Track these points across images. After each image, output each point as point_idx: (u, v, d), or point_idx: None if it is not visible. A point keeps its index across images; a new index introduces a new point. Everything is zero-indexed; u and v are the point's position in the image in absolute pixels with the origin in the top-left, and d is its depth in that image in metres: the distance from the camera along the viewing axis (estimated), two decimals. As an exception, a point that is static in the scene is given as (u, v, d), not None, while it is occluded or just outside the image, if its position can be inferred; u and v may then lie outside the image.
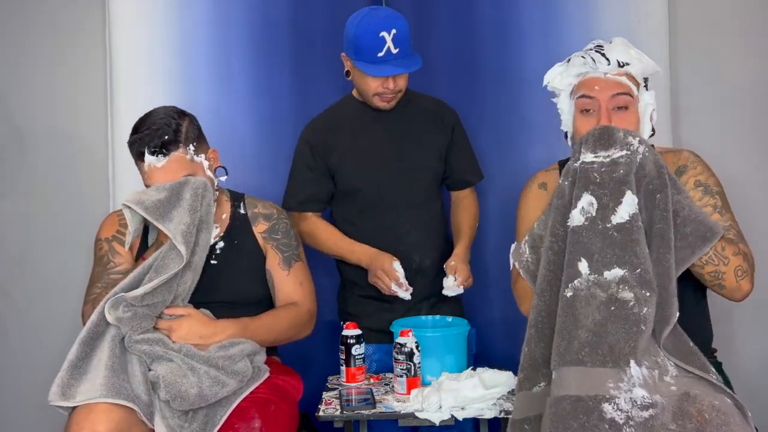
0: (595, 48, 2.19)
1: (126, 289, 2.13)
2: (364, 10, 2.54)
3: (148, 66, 2.97)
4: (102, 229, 2.40)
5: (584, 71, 2.17)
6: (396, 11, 2.57)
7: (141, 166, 2.26)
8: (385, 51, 2.46)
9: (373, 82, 2.53)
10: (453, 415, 2.17)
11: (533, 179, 2.35)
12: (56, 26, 3.07)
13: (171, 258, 2.16)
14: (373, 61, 2.48)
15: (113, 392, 1.97)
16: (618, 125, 2.08)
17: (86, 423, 1.94)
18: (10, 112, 3.09)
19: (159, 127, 2.22)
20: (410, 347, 2.28)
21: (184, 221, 2.17)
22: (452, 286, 2.54)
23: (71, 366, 2.04)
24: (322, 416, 2.21)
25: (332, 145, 2.64)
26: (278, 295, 2.42)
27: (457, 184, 2.76)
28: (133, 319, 2.10)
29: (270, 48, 3.02)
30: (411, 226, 2.63)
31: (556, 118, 2.26)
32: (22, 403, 3.06)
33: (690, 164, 2.19)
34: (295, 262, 2.43)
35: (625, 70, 2.14)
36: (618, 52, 2.15)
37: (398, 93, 2.57)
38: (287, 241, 2.44)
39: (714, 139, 3.03)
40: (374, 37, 2.46)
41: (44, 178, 3.10)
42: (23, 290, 3.10)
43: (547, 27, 3.02)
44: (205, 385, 2.08)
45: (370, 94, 2.57)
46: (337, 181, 2.65)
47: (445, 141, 2.69)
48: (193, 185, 2.22)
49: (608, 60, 2.14)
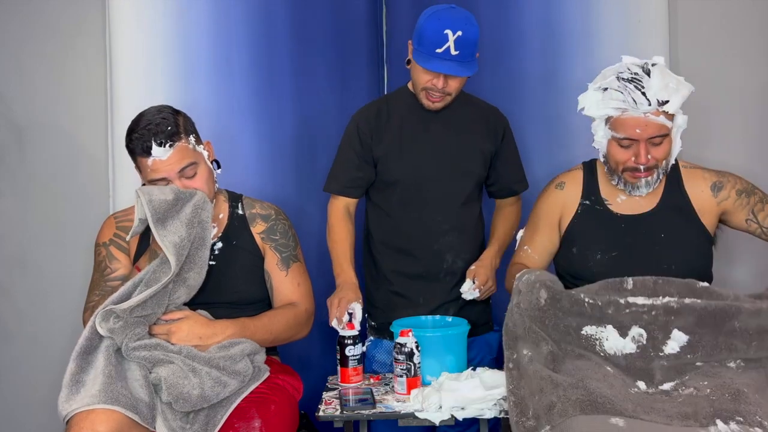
0: (633, 81, 2.19)
1: (116, 301, 2.13)
2: (442, 6, 2.51)
3: (148, 66, 2.97)
4: (100, 234, 2.40)
5: (623, 107, 2.20)
6: (471, 15, 2.51)
7: (144, 162, 2.25)
8: (444, 49, 2.43)
9: (424, 75, 2.51)
10: (453, 415, 2.17)
11: (554, 179, 2.44)
12: (56, 26, 3.07)
13: (162, 271, 2.16)
14: (431, 55, 2.45)
15: (111, 399, 1.97)
16: (654, 155, 2.21)
17: (86, 423, 1.94)
18: (10, 112, 3.08)
19: (159, 121, 2.24)
20: (410, 347, 2.28)
21: (179, 233, 2.17)
22: (468, 290, 2.53)
23: (70, 382, 2.03)
24: (322, 416, 2.21)
25: (380, 133, 2.63)
26: (276, 296, 2.42)
27: (502, 193, 2.75)
28: (126, 327, 2.10)
29: (270, 48, 3.02)
30: (448, 226, 2.62)
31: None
32: (22, 403, 3.06)
33: (723, 178, 2.33)
34: (293, 262, 2.44)
35: (665, 108, 2.18)
36: (657, 87, 2.17)
37: (447, 96, 2.54)
38: (285, 241, 2.45)
39: (714, 139, 3.03)
40: (438, 32, 2.43)
41: (44, 178, 3.09)
42: (23, 290, 3.10)
43: (547, 27, 3.02)
44: (207, 386, 2.08)
45: (419, 87, 2.55)
46: (379, 171, 2.64)
47: (492, 147, 2.67)
48: (195, 200, 2.23)
49: (649, 101, 2.16)
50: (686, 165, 2.37)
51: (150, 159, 2.24)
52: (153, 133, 2.22)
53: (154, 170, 2.24)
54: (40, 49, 3.07)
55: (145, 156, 2.24)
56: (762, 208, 2.30)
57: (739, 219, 2.31)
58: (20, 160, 3.09)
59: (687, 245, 2.27)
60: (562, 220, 2.37)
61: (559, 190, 2.38)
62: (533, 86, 3.01)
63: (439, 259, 2.60)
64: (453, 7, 2.49)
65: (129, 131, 2.27)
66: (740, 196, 2.30)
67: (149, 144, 2.22)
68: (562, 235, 2.37)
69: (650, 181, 2.26)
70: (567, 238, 2.35)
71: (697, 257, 2.28)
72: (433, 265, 2.61)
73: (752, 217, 2.30)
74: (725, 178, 2.33)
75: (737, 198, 2.30)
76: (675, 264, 2.24)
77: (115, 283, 2.30)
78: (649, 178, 2.26)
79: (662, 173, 2.28)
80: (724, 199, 2.31)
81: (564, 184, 2.38)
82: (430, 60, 2.46)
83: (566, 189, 2.37)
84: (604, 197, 2.34)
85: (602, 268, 2.25)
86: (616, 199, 2.33)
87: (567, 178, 2.40)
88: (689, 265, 2.25)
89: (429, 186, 2.61)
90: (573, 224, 2.35)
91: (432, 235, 2.61)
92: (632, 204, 2.32)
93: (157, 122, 2.24)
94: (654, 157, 2.22)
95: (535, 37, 3.02)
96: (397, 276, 2.63)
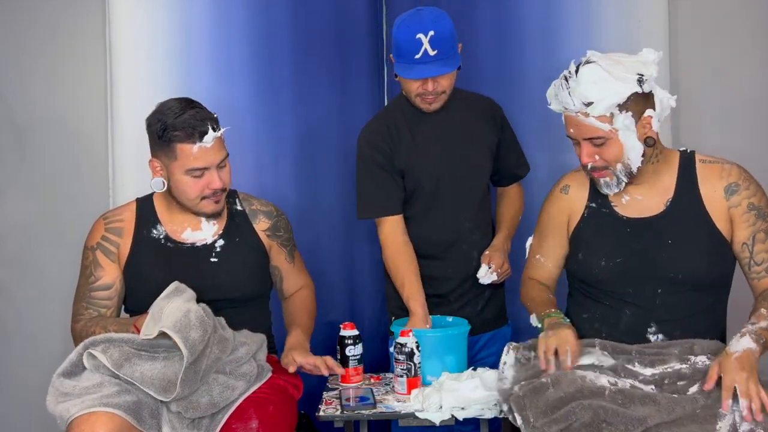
0: (566, 80, 2.10)
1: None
2: (408, 12, 2.51)
3: (148, 66, 2.96)
4: (89, 236, 2.38)
5: (561, 106, 2.13)
6: (440, 11, 2.51)
7: (186, 150, 2.21)
8: (422, 53, 2.42)
9: (412, 84, 2.50)
10: (453, 415, 2.16)
11: (559, 181, 2.35)
12: (56, 26, 3.07)
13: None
14: (411, 62, 2.45)
15: (111, 403, 1.97)
16: (603, 156, 2.09)
17: (86, 425, 1.94)
18: (10, 112, 3.08)
19: (201, 108, 2.26)
20: (411, 347, 2.28)
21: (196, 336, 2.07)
22: (486, 274, 2.55)
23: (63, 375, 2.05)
24: (323, 416, 2.21)
25: (397, 145, 2.60)
26: (286, 285, 2.52)
27: (506, 180, 2.76)
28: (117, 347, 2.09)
29: (270, 48, 3.02)
30: (472, 224, 2.63)
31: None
32: (21, 404, 3.05)
33: (742, 183, 2.13)
34: (295, 251, 2.53)
35: (588, 110, 2.06)
36: (582, 88, 2.05)
37: (441, 94, 2.53)
38: (288, 236, 2.50)
39: (714, 139, 3.02)
40: (411, 39, 2.43)
41: (44, 178, 3.09)
42: (23, 290, 3.10)
43: (546, 27, 3.02)
44: (216, 392, 2.09)
45: (412, 95, 2.54)
46: (405, 181, 2.62)
47: (495, 138, 2.68)
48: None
49: (573, 101, 2.07)
50: (705, 159, 2.18)
51: (196, 146, 2.21)
52: (202, 118, 2.21)
53: (197, 158, 2.22)
54: (40, 49, 3.07)
55: (191, 142, 2.21)
56: (764, 239, 2.10)
57: (738, 236, 2.12)
58: (20, 160, 3.09)
59: (696, 251, 2.12)
60: (570, 224, 2.28)
61: (564, 194, 2.29)
62: (534, 86, 3.00)
63: (468, 257, 2.63)
64: (419, 10, 2.50)
65: (162, 120, 2.22)
66: (750, 211, 2.11)
67: (205, 129, 2.20)
68: (570, 239, 2.28)
69: (609, 182, 2.14)
70: (574, 242, 2.27)
71: (709, 264, 2.13)
72: (462, 265, 2.63)
73: (750, 242, 2.11)
74: (744, 183, 2.12)
75: (747, 211, 2.11)
76: (682, 272, 2.11)
77: (99, 293, 2.31)
78: (607, 179, 2.13)
79: (623, 175, 2.12)
80: (735, 206, 2.11)
81: (569, 188, 2.29)
82: (411, 69, 2.46)
83: (571, 192, 2.28)
84: (610, 199, 2.22)
85: (606, 275, 2.17)
86: (621, 200, 2.20)
87: (571, 181, 2.30)
88: (697, 273, 2.12)
89: (449, 189, 2.61)
90: (579, 228, 2.26)
91: (459, 235, 2.63)
92: (639, 206, 2.18)
93: (201, 108, 2.23)
94: (603, 158, 2.10)
95: (535, 36, 3.02)
96: (427, 280, 2.60)
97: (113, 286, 2.32)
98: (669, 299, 2.14)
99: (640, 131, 2.09)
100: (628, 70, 2.06)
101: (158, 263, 2.32)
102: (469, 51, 3.03)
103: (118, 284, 2.33)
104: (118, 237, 2.35)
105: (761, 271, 2.12)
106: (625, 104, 2.05)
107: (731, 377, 1.90)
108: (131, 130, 2.91)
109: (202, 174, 2.25)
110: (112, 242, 2.34)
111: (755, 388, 1.88)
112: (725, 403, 1.89)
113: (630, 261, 2.16)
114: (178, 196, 2.30)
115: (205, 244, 2.36)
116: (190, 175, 2.24)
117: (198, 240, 2.36)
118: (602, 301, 2.21)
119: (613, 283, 2.17)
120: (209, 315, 2.14)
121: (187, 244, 2.36)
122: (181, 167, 2.24)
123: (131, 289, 2.34)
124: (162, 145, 2.24)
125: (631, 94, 2.05)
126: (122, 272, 2.34)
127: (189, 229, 2.36)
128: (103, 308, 2.31)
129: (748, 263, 2.13)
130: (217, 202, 2.31)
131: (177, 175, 2.26)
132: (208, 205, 2.30)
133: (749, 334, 1.98)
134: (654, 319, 2.15)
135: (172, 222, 2.37)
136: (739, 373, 1.90)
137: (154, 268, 2.31)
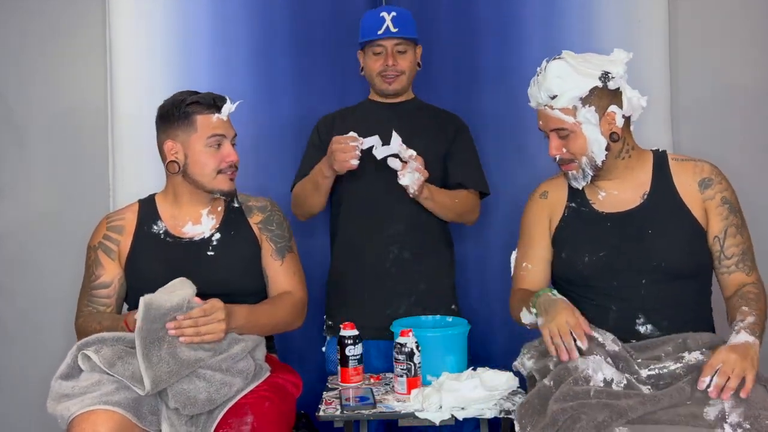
0: (537, 75, 2.22)
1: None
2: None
3: (148, 66, 2.97)
4: (92, 237, 2.42)
5: (534, 102, 2.24)
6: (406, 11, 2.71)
7: (206, 120, 2.31)
8: (384, 29, 2.63)
9: (374, 61, 2.67)
10: (453, 415, 2.17)
11: (537, 189, 2.39)
12: (56, 25, 3.07)
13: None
14: (374, 37, 2.64)
15: (111, 401, 1.98)
16: (568, 149, 2.18)
17: (87, 424, 1.95)
18: (10, 112, 3.08)
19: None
20: (410, 347, 2.28)
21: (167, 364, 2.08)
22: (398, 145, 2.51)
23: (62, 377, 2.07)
24: (323, 416, 2.21)
25: (338, 128, 2.70)
26: (272, 285, 2.43)
27: (452, 187, 2.73)
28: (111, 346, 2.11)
29: (270, 47, 3.02)
30: (400, 222, 2.66)
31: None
32: (22, 404, 3.06)
33: (715, 178, 2.21)
34: (287, 252, 2.46)
35: (552, 103, 2.17)
36: (549, 80, 2.16)
37: (401, 75, 2.68)
38: (281, 232, 2.47)
39: (714, 139, 3.03)
40: (375, 17, 2.65)
41: (44, 178, 3.10)
42: (23, 290, 3.10)
43: (546, 28, 3.02)
44: (213, 388, 2.09)
45: (374, 73, 2.69)
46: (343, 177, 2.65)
47: (443, 149, 2.71)
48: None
49: (541, 94, 2.18)
50: (677, 158, 2.27)
51: (215, 116, 2.32)
52: (216, 95, 2.34)
53: (216, 126, 2.33)
54: (40, 49, 3.07)
55: (210, 112, 2.32)
56: (734, 234, 2.17)
57: (712, 229, 2.19)
58: (20, 160, 3.09)
59: (676, 240, 2.17)
60: (551, 226, 2.32)
61: (543, 199, 2.34)
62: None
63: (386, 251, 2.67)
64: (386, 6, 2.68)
65: (179, 98, 2.33)
66: (723, 205, 2.18)
67: (222, 100, 2.34)
68: (552, 239, 2.31)
69: (576, 175, 2.22)
70: (556, 243, 2.30)
71: (690, 252, 2.17)
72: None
73: (722, 236, 2.18)
74: (717, 178, 2.21)
75: (720, 204, 2.18)
76: (665, 261, 2.15)
77: (99, 291, 2.34)
78: (574, 172, 2.21)
79: (589, 168, 2.20)
80: (709, 198, 2.19)
81: (548, 194, 2.34)
82: (373, 41, 2.64)
83: (550, 197, 2.33)
84: (588, 197, 2.28)
85: (590, 270, 2.20)
86: (598, 197, 2.26)
87: (550, 187, 2.36)
88: (680, 261, 2.16)
89: (379, 181, 2.64)
90: (560, 228, 2.30)
91: (382, 227, 2.68)
92: (616, 201, 2.24)
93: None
94: (569, 151, 2.19)
95: (535, 36, 3.02)
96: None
97: (112, 284, 2.35)
98: (654, 289, 2.17)
99: (605, 126, 2.17)
100: (594, 67, 2.16)
101: (157, 257, 2.35)
102: (469, 50, 3.05)
103: (117, 282, 2.36)
104: (119, 235, 2.38)
105: (731, 265, 2.18)
106: (588, 98, 2.15)
107: (721, 357, 1.94)
108: (131, 130, 2.91)
109: (220, 144, 2.33)
110: (113, 240, 2.37)
111: (739, 371, 1.90)
112: (701, 381, 1.92)
113: (612, 254, 2.20)
114: (194, 174, 2.34)
115: (202, 238, 2.38)
116: (210, 144, 2.32)
117: (196, 234, 2.38)
118: (589, 298, 2.22)
119: (597, 277, 2.20)
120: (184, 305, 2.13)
121: (186, 238, 2.37)
122: (202, 137, 2.31)
123: (132, 284, 2.36)
124: (180, 122, 2.31)
125: (593, 89, 2.14)
126: (123, 269, 2.37)
127: (190, 223, 2.38)
128: (102, 306, 2.34)
129: (718, 257, 2.19)
130: (232, 179, 2.37)
131: (197, 147, 2.31)
132: (223, 181, 2.35)
133: (744, 330, 2.02)
134: (641, 310, 2.17)
135: (174, 217, 2.39)
136: (729, 355, 1.94)
137: (153, 263, 2.33)
